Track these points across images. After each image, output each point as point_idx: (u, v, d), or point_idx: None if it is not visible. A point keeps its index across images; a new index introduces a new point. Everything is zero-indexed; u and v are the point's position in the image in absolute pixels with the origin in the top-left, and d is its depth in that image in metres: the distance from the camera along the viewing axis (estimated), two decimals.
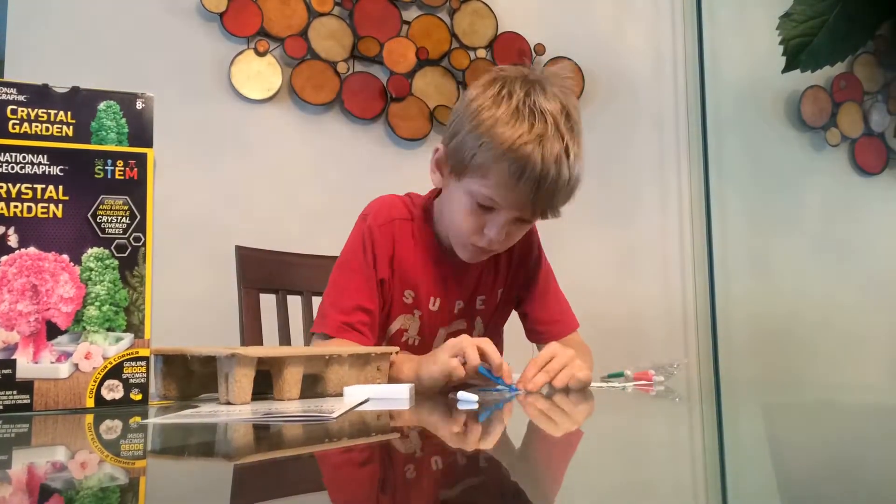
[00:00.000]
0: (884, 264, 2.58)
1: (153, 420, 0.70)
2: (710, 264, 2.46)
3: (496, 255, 1.25)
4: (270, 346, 1.12)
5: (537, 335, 1.32)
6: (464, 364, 0.95)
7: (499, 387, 0.99)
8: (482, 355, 0.96)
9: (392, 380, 0.99)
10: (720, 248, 2.47)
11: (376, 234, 1.18)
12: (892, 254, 2.58)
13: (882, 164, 2.68)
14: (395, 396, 0.86)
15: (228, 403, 0.78)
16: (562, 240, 2.36)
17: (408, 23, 2.17)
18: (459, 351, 0.95)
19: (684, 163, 2.53)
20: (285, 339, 1.48)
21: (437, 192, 1.25)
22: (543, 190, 1.07)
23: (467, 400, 0.86)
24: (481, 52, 2.25)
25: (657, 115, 2.52)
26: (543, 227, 2.27)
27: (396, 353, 1.00)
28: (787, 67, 2.30)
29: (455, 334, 1.17)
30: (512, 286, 1.31)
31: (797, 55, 2.30)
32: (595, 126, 2.41)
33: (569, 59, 2.35)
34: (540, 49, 2.32)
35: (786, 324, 2.49)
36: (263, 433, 0.63)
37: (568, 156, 1.07)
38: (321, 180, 2.05)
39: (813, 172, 2.62)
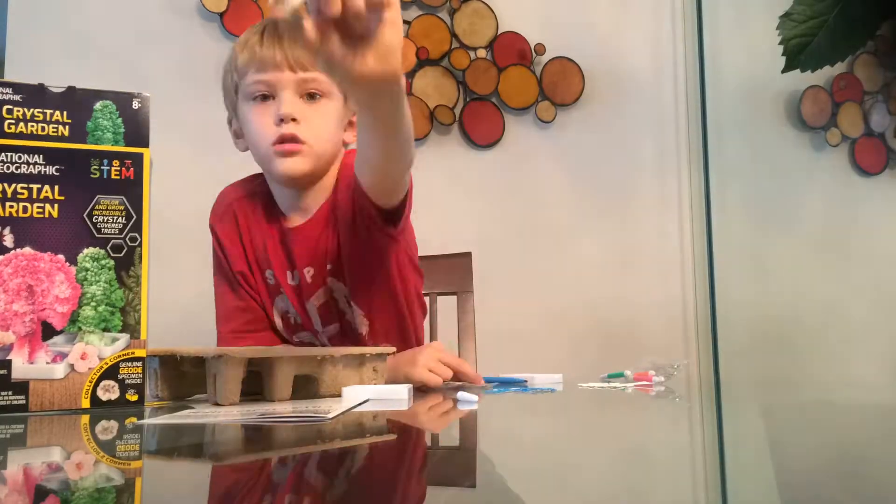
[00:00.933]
0: (884, 264, 2.58)
1: (149, 421, 0.69)
2: (710, 264, 2.46)
3: (333, 220, 1.15)
4: (261, 347, 1.12)
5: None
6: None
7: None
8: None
9: None
10: (720, 247, 2.46)
11: (217, 228, 1.22)
12: (892, 254, 2.58)
13: (882, 164, 2.68)
14: (394, 397, 0.86)
15: (217, 404, 0.78)
16: (561, 240, 2.36)
17: (408, 22, 2.17)
18: (435, 369, 1.02)
19: (684, 163, 2.52)
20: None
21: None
22: (287, 40, 1.08)
23: (467, 400, 0.87)
24: (481, 52, 2.25)
25: (657, 114, 2.51)
26: (542, 228, 2.28)
27: (393, 353, 1.00)
28: (787, 67, 2.30)
29: (322, 307, 1.17)
30: (356, 219, 1.20)
31: (797, 55, 2.30)
32: (595, 126, 2.41)
33: (569, 58, 2.35)
34: (540, 49, 2.32)
35: (785, 324, 2.49)
36: (260, 434, 0.63)
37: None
38: None
39: (813, 172, 2.61)
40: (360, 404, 0.79)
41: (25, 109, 0.80)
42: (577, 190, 2.37)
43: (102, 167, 0.81)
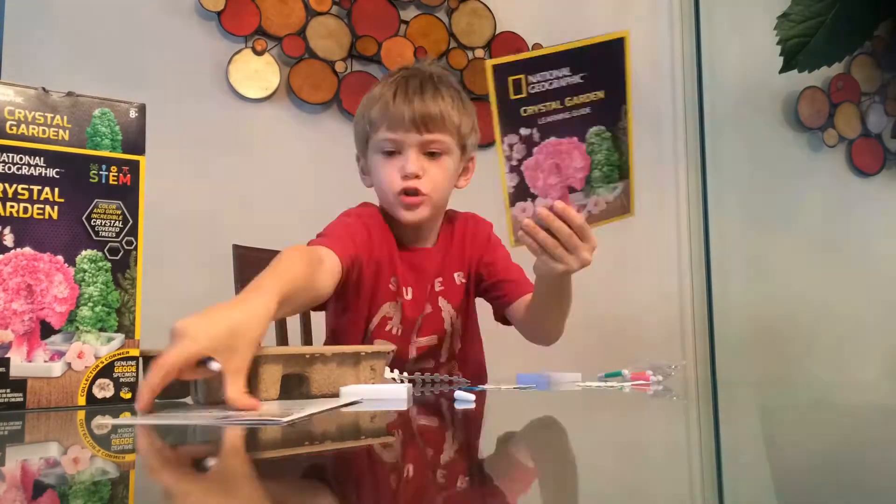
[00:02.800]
0: (880, 265, 2.58)
1: (118, 421, 0.69)
2: (708, 264, 2.47)
3: (447, 241, 1.35)
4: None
5: (503, 296, 1.36)
6: None
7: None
8: None
9: None
10: (717, 248, 2.47)
11: (364, 215, 1.28)
12: (888, 254, 2.59)
13: (879, 164, 2.68)
14: (392, 397, 0.85)
15: (199, 404, 0.77)
16: None
17: (406, 22, 2.18)
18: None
19: (682, 163, 2.53)
20: (282, 338, 1.48)
21: None
22: (416, 102, 1.21)
23: (464, 399, 0.86)
24: (479, 52, 2.25)
25: (655, 115, 2.52)
26: None
27: (392, 351, 1.00)
28: (785, 68, 2.31)
29: (427, 318, 1.30)
30: (471, 272, 1.36)
31: (795, 55, 2.30)
32: None
33: None
34: (538, 49, 2.32)
35: (782, 324, 2.49)
36: (253, 435, 0.63)
37: (434, 81, 1.25)
38: (319, 179, 2.06)
39: (810, 173, 2.62)
40: (348, 404, 0.78)
41: (27, 112, 0.81)
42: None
43: (101, 172, 0.83)
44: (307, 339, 1.54)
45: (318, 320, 1.44)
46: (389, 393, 0.85)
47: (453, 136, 1.27)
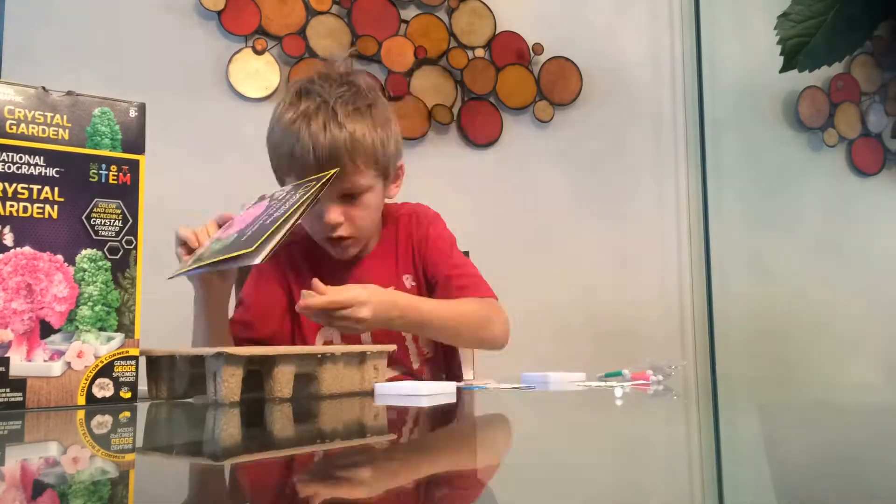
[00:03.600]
0: (880, 264, 2.58)
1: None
2: (708, 264, 2.47)
3: (391, 244, 1.30)
4: (260, 346, 1.12)
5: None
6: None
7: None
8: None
9: None
10: (717, 248, 2.47)
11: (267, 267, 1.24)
12: (888, 254, 2.59)
13: (879, 164, 2.68)
14: (445, 391, 0.91)
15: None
16: (559, 240, 2.37)
17: (406, 22, 2.18)
18: None
19: (682, 163, 2.53)
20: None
21: None
22: (320, 149, 1.12)
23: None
24: (479, 52, 2.25)
25: (655, 115, 2.52)
26: (539, 228, 2.29)
27: (393, 351, 1.00)
28: (785, 67, 2.31)
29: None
30: (421, 275, 1.31)
31: (795, 55, 2.30)
32: (593, 126, 2.41)
33: (567, 58, 2.36)
34: (538, 49, 2.32)
35: (783, 324, 2.49)
36: (254, 431, 0.63)
37: (338, 113, 1.13)
38: None
39: (810, 173, 2.62)
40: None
41: (27, 111, 0.81)
42: (575, 189, 2.38)
43: (101, 171, 0.82)
44: None
45: None
46: (443, 388, 0.92)
47: (371, 169, 1.18)
